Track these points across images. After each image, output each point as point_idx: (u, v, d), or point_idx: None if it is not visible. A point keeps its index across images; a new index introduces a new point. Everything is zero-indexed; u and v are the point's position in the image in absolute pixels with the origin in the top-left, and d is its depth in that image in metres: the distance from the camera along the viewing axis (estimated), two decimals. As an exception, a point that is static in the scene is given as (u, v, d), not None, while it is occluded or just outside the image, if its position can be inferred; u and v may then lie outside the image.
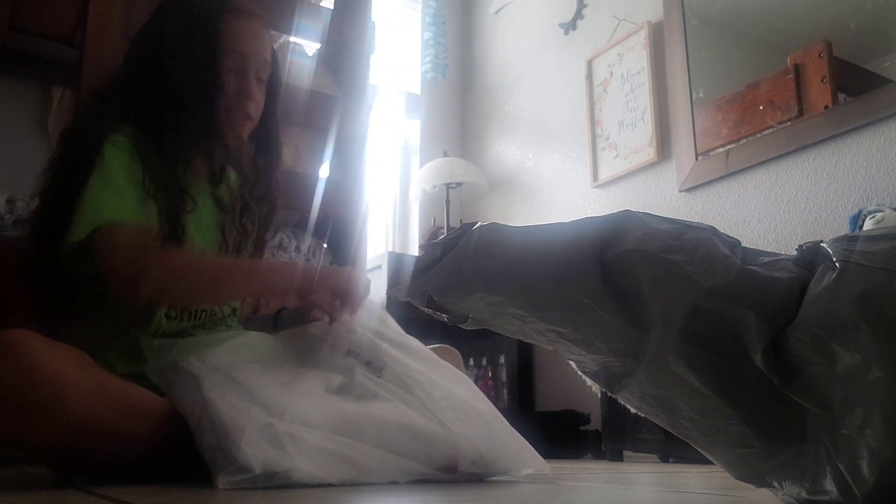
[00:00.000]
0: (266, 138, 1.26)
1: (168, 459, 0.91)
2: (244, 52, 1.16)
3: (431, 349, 1.20)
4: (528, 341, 0.74)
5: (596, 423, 2.47)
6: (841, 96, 2.14)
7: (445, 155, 3.40)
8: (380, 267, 2.87)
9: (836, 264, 0.56)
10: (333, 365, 1.04)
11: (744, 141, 2.37)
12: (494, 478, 1.06)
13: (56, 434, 0.82)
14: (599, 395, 2.20)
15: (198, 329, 1.15)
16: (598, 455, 2.39)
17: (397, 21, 3.71)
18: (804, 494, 0.61)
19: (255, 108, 1.20)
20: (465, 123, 3.76)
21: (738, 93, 2.42)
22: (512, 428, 1.11)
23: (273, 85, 1.25)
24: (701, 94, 2.55)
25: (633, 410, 0.71)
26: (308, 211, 1.58)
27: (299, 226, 1.77)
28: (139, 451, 0.89)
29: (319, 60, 1.82)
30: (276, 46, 1.28)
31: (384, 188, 3.61)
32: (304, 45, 1.96)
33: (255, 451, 0.83)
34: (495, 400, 3.06)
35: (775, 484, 0.64)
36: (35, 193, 1.14)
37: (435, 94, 3.68)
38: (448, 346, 1.28)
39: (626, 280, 0.62)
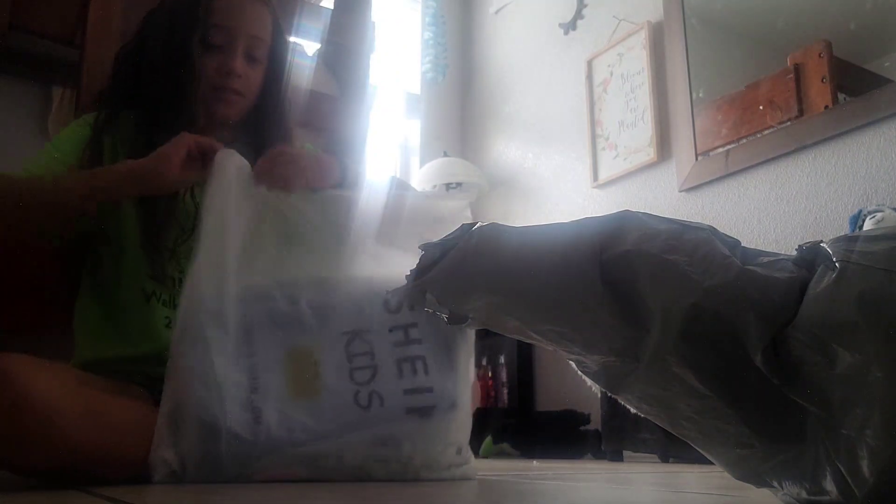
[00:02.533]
0: (265, 119, 1.23)
1: None
2: (229, 26, 1.15)
3: None
4: (527, 341, 0.74)
5: (596, 423, 2.47)
6: (841, 96, 2.14)
7: (445, 155, 3.40)
8: (380, 267, 2.86)
9: (836, 264, 0.56)
10: None
11: (744, 141, 2.37)
12: (494, 476, 1.06)
13: (48, 461, 0.82)
14: (599, 395, 2.20)
15: None
16: (598, 455, 2.39)
17: (397, 21, 3.71)
18: (804, 494, 0.61)
19: (244, 84, 1.17)
20: (465, 123, 3.76)
21: (738, 93, 2.42)
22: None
23: (274, 63, 1.22)
24: (701, 94, 2.55)
25: (633, 410, 0.71)
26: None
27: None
28: (134, 471, 0.88)
29: (319, 60, 1.82)
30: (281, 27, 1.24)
31: (384, 188, 3.61)
32: (304, 45, 1.96)
33: None
34: (495, 400, 3.06)
35: (775, 484, 0.64)
36: None
37: (435, 94, 3.68)
38: None
39: (625, 280, 0.62)
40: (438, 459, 0.97)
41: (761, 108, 2.33)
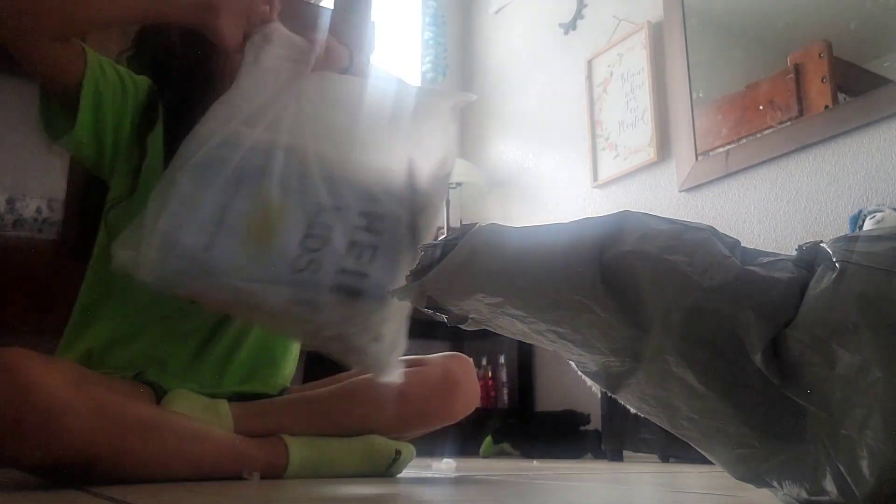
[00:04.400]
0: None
1: (169, 468, 0.91)
2: None
3: (442, 357, 1.19)
4: (527, 341, 0.74)
5: (596, 423, 2.47)
6: (841, 96, 2.14)
7: (445, 155, 3.40)
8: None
9: (836, 265, 0.56)
10: None
11: (744, 141, 2.37)
12: (494, 476, 1.06)
13: (52, 457, 0.81)
14: (599, 395, 2.20)
15: None
16: (598, 455, 2.39)
17: (397, 21, 3.71)
18: (804, 494, 0.61)
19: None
20: (465, 123, 3.76)
21: (738, 93, 2.42)
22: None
23: None
24: (701, 94, 2.55)
25: (633, 410, 0.71)
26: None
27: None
28: (140, 467, 0.89)
29: (319, 60, 1.82)
30: None
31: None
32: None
33: None
34: (495, 400, 3.06)
35: (775, 484, 0.64)
36: None
37: (435, 94, 3.68)
38: (459, 354, 1.26)
39: (625, 280, 0.62)
40: (351, 339, 0.99)
41: (761, 108, 2.33)
